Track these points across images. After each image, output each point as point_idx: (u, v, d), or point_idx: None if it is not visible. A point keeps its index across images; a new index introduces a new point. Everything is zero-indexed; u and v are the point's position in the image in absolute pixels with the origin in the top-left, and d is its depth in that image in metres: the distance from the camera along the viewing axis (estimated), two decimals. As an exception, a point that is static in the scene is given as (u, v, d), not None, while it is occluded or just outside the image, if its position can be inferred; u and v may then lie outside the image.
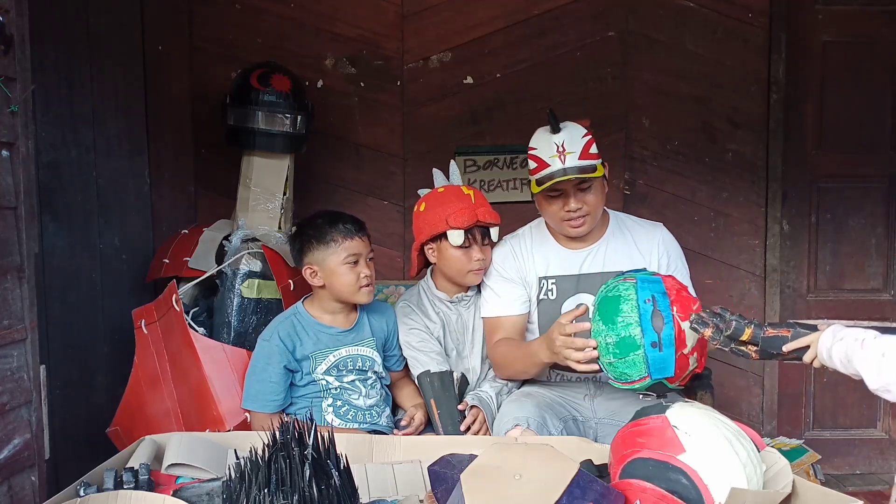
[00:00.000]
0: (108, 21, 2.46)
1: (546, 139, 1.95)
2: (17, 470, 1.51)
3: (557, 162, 1.91)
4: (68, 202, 2.26)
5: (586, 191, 1.94)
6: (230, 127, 2.49)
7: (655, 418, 1.29)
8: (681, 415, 1.28)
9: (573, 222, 1.96)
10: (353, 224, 1.98)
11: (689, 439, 1.22)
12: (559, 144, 1.92)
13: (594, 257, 2.03)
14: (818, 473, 2.10)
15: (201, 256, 2.41)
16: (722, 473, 1.18)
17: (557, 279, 2.03)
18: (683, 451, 1.21)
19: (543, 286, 2.04)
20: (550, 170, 1.92)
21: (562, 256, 2.04)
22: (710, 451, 1.21)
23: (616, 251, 2.03)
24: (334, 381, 1.96)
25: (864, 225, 3.07)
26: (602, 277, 1.97)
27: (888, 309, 3.09)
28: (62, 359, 2.17)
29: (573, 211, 1.93)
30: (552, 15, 2.95)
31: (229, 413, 2.11)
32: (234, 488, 1.12)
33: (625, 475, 1.25)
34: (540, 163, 1.95)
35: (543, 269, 2.04)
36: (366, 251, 1.98)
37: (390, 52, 2.95)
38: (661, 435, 1.25)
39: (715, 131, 3.00)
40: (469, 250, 2.05)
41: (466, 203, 2.05)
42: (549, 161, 1.93)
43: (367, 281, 1.97)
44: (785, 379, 3.08)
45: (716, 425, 1.26)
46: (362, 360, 1.99)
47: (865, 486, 2.98)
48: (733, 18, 2.96)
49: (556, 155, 1.92)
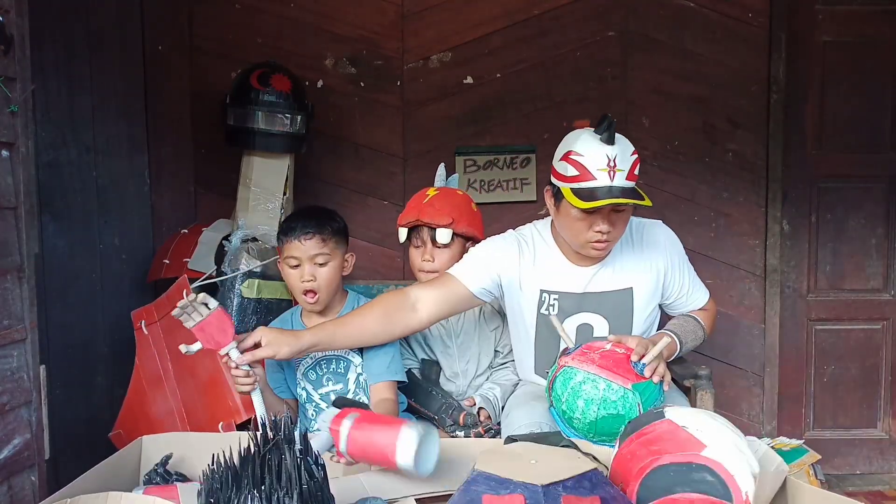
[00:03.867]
0: (108, 21, 2.46)
1: (596, 148, 1.71)
2: (17, 470, 1.51)
3: (605, 178, 1.70)
4: (68, 202, 2.26)
5: (620, 213, 1.77)
6: (230, 127, 2.49)
7: (660, 423, 1.23)
8: (682, 415, 1.25)
9: (598, 244, 1.79)
10: (302, 224, 1.86)
11: (704, 435, 1.18)
12: (611, 158, 1.70)
13: (600, 275, 1.90)
14: (818, 473, 2.09)
15: (201, 257, 2.41)
16: (740, 463, 1.16)
17: (560, 295, 1.89)
18: (704, 446, 1.16)
19: (545, 300, 1.90)
20: (595, 184, 1.70)
21: (567, 271, 1.90)
22: (726, 443, 1.18)
23: (624, 266, 1.91)
24: (313, 392, 1.94)
25: (864, 225, 3.07)
26: (607, 297, 1.89)
27: (888, 309, 3.10)
28: (62, 359, 2.17)
29: (602, 233, 1.76)
30: (552, 15, 2.95)
31: (245, 403, 2.11)
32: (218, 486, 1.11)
33: (645, 490, 1.16)
34: (583, 172, 1.71)
35: (545, 281, 1.90)
36: (307, 255, 1.85)
37: (390, 52, 2.95)
38: (675, 437, 1.19)
39: (715, 131, 3.00)
40: (420, 250, 2.07)
41: (417, 202, 2.08)
42: (595, 174, 1.70)
43: (309, 286, 1.86)
44: (785, 379, 3.08)
45: (714, 418, 1.25)
46: (337, 360, 1.94)
47: (865, 486, 2.98)
48: (733, 18, 2.96)
49: (606, 169, 1.70)
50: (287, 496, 1.07)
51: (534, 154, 2.96)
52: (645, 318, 1.93)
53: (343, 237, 1.94)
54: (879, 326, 3.10)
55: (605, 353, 1.65)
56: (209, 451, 1.19)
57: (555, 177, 1.81)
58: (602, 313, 1.90)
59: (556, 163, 1.81)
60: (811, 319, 3.10)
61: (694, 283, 2.02)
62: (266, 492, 1.07)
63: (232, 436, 1.54)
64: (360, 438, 1.36)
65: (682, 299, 2.01)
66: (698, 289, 2.03)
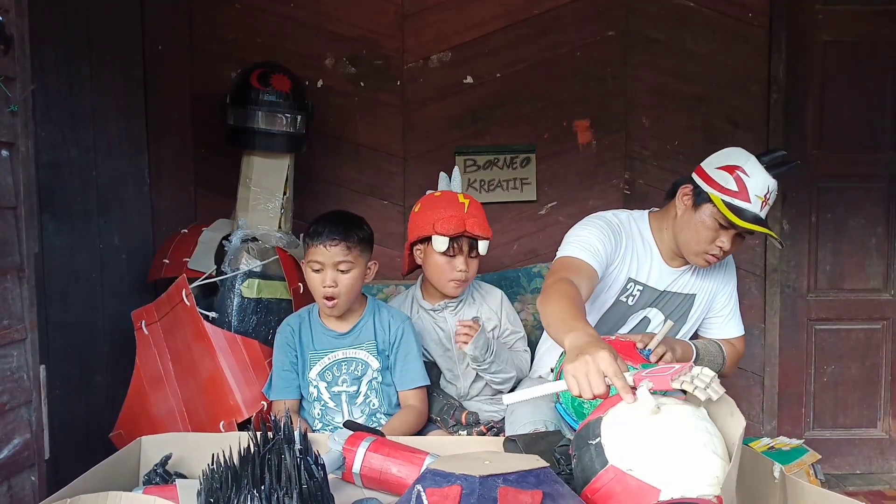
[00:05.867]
0: (108, 21, 2.46)
1: (762, 178, 1.81)
2: (17, 470, 1.51)
3: (758, 205, 1.81)
4: (68, 202, 2.26)
5: (742, 240, 1.90)
6: (230, 127, 2.49)
7: (605, 473, 1.10)
8: (621, 450, 1.10)
9: (711, 258, 1.88)
10: (329, 230, 1.88)
11: (653, 476, 1.07)
12: (770, 191, 1.83)
13: (682, 279, 2.00)
14: (818, 473, 2.09)
15: (200, 257, 2.41)
16: (701, 475, 1.07)
17: (645, 288, 1.97)
18: (658, 491, 1.06)
19: (630, 288, 1.97)
20: (748, 206, 1.80)
21: (658, 268, 1.98)
22: (679, 469, 1.07)
23: (698, 277, 2.02)
24: (325, 390, 1.95)
25: (864, 225, 3.07)
26: (676, 297, 2.00)
27: (888, 309, 3.10)
28: (62, 359, 2.17)
29: (722, 250, 1.86)
30: (552, 15, 2.95)
31: (246, 402, 2.12)
32: (218, 486, 1.12)
33: None
34: (742, 191, 1.81)
35: (636, 271, 1.96)
36: (331, 261, 1.87)
37: (390, 51, 2.95)
38: (627, 489, 1.08)
39: (715, 131, 3.00)
40: (453, 259, 2.03)
41: (457, 211, 2.02)
42: (752, 198, 1.80)
43: (330, 293, 1.89)
44: (785, 378, 3.08)
45: (659, 427, 1.12)
46: (356, 363, 1.96)
47: (865, 486, 2.98)
48: (733, 18, 2.96)
49: (762, 198, 1.82)
50: (287, 496, 1.07)
51: (534, 154, 2.96)
52: (693, 326, 2.06)
53: (368, 245, 1.96)
54: (879, 326, 3.10)
55: (609, 341, 1.66)
56: (209, 450, 1.20)
57: (705, 181, 1.86)
58: (664, 311, 2.00)
59: (714, 171, 1.86)
60: (811, 319, 3.10)
61: (735, 313, 2.11)
62: (266, 492, 1.07)
63: (231, 436, 1.54)
64: (376, 464, 1.40)
65: (720, 321, 2.09)
66: (736, 320, 2.11)
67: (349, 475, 1.43)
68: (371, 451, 1.42)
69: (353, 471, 1.41)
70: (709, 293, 2.05)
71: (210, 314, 2.27)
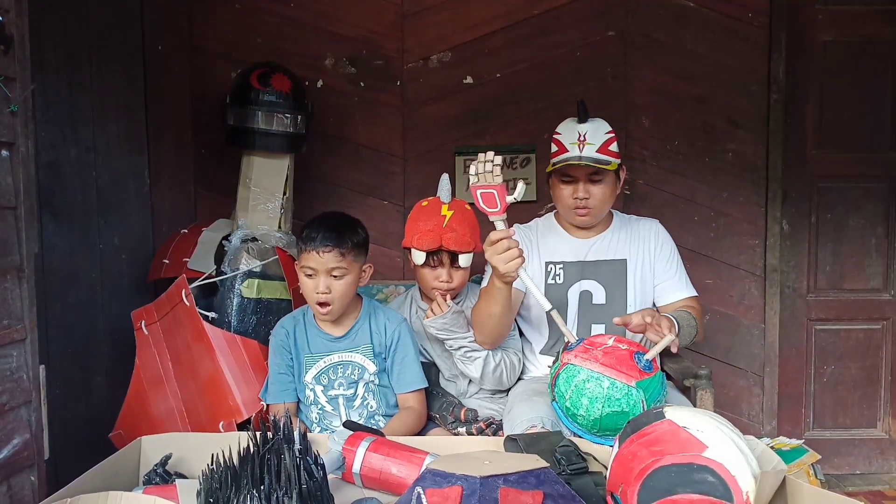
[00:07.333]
0: (108, 21, 2.46)
1: (571, 127, 2.09)
2: (17, 470, 1.51)
3: (576, 149, 2.04)
4: (68, 202, 2.26)
5: (597, 183, 2.06)
6: (230, 127, 2.49)
7: (661, 424, 1.24)
8: (682, 415, 1.25)
9: (579, 210, 2.07)
10: (322, 236, 1.85)
11: (705, 436, 1.19)
12: (581, 134, 2.06)
13: (598, 246, 2.14)
14: (818, 473, 2.09)
15: (200, 257, 2.41)
16: (741, 464, 1.16)
17: (565, 265, 2.13)
18: (706, 447, 1.17)
19: (551, 271, 2.13)
20: (567, 155, 2.05)
21: (568, 243, 2.16)
22: (726, 443, 1.18)
23: (619, 241, 2.15)
24: (321, 394, 1.94)
25: (864, 225, 3.07)
26: (604, 265, 2.11)
27: (888, 309, 3.10)
28: (62, 359, 2.17)
29: (580, 199, 2.05)
30: (552, 15, 2.95)
31: (245, 402, 2.12)
32: (217, 486, 1.12)
33: (646, 491, 1.17)
34: (560, 147, 2.09)
35: (549, 254, 2.15)
36: (325, 268, 1.85)
37: (390, 52, 2.95)
38: (676, 438, 1.20)
39: (715, 131, 3.00)
40: (435, 270, 2.05)
41: (435, 225, 2.02)
42: (568, 147, 2.06)
43: (323, 299, 1.86)
44: (785, 379, 3.08)
45: (713, 418, 1.26)
46: (352, 367, 1.95)
47: (865, 486, 2.98)
48: (733, 18, 2.96)
49: (577, 143, 2.05)
50: (286, 496, 1.07)
51: (534, 154, 2.96)
52: (637, 291, 2.12)
53: (363, 250, 1.94)
54: (879, 326, 3.10)
55: (607, 351, 1.66)
56: (209, 450, 1.20)
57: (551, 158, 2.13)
58: (600, 281, 2.12)
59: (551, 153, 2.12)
60: (811, 319, 3.10)
61: (681, 275, 2.16)
62: (265, 492, 1.07)
63: (231, 436, 1.54)
64: (376, 464, 1.40)
65: (669, 284, 2.14)
66: (685, 281, 2.17)
67: (349, 475, 1.43)
68: (371, 450, 1.42)
69: (353, 471, 1.42)
70: (641, 256, 2.14)
71: (210, 314, 2.27)
